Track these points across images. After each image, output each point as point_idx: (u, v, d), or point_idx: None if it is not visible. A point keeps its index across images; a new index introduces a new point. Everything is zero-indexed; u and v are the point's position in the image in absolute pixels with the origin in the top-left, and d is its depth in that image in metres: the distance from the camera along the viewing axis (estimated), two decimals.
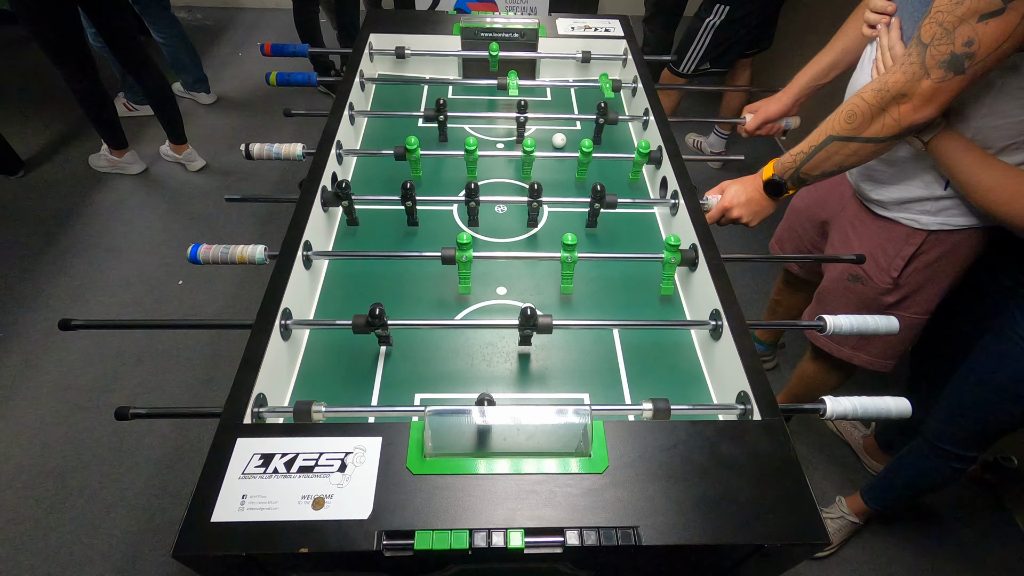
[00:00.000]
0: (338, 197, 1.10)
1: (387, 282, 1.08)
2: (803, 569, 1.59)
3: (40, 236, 2.36)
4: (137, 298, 2.15)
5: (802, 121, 1.46)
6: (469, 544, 0.62)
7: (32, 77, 3.18)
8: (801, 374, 1.58)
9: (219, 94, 3.19)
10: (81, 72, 2.25)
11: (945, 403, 1.29)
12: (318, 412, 0.78)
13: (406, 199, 1.11)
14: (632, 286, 1.09)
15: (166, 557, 1.51)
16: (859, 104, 0.91)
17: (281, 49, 1.46)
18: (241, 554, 0.61)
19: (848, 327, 0.89)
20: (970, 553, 1.66)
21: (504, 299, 1.05)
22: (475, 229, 1.18)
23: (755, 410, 0.78)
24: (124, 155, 2.62)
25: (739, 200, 1.12)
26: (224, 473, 0.67)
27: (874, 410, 0.79)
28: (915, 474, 1.41)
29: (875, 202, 1.17)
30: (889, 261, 1.18)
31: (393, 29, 1.58)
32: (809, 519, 0.66)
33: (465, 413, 0.73)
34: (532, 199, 1.12)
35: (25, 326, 2.03)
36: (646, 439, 0.72)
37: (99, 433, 1.75)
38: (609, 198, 1.11)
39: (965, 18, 0.78)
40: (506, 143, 1.42)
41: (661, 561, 0.71)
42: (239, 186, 2.67)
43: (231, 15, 3.98)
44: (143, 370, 1.92)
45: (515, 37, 1.55)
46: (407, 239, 1.17)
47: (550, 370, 0.95)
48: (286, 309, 0.89)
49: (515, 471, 0.69)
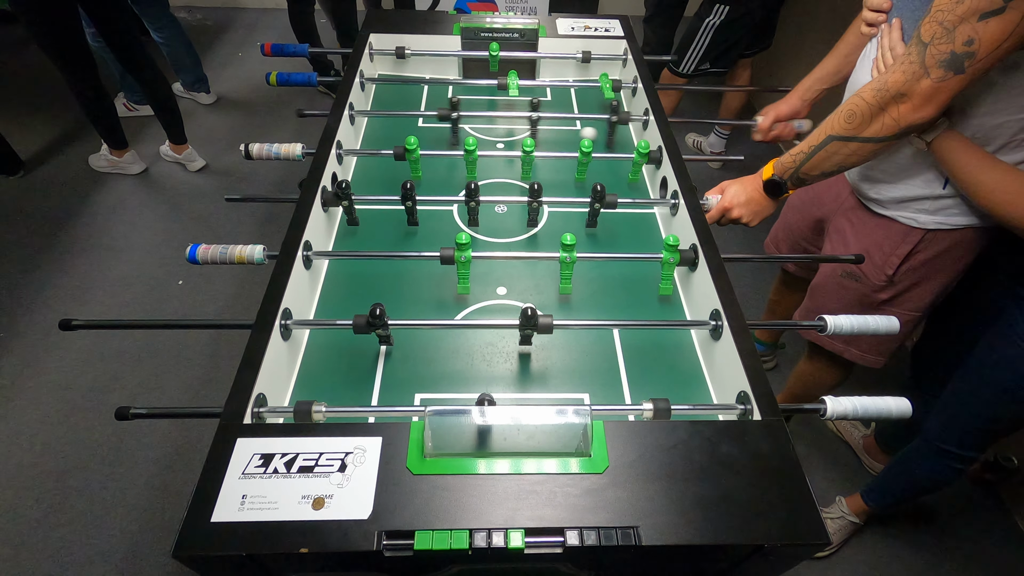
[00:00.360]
0: (338, 197, 1.10)
1: (387, 282, 1.08)
2: (803, 569, 1.59)
3: (40, 236, 2.36)
4: (137, 298, 2.15)
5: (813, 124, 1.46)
6: (469, 544, 0.62)
7: (32, 77, 3.18)
8: (799, 373, 1.58)
9: (219, 94, 3.19)
10: (81, 72, 2.25)
11: (945, 403, 1.29)
12: (319, 412, 0.78)
13: (406, 199, 1.11)
14: (632, 286, 1.09)
15: (166, 557, 1.51)
16: (859, 104, 0.91)
17: (281, 49, 1.47)
18: (241, 554, 0.61)
19: (848, 327, 0.89)
20: (970, 553, 1.66)
21: (504, 299, 1.05)
22: (475, 229, 1.18)
23: (755, 410, 0.78)
24: (124, 155, 2.62)
25: (739, 200, 1.12)
26: (224, 473, 0.67)
27: (874, 410, 0.79)
28: (915, 474, 1.41)
29: (873, 200, 1.17)
30: (884, 259, 1.18)
31: (393, 29, 1.58)
32: (809, 519, 0.66)
33: (465, 413, 0.73)
34: (532, 199, 1.12)
35: (25, 326, 2.03)
36: (646, 439, 0.72)
37: (99, 433, 1.75)
38: (609, 198, 1.11)
39: (965, 17, 0.77)
40: (506, 143, 1.42)
41: (661, 561, 0.71)
42: (239, 186, 2.67)
43: (231, 15, 3.98)
44: (143, 370, 1.92)
45: (515, 37, 1.55)
46: (407, 239, 1.17)
47: (550, 370, 0.95)
48: (286, 309, 0.89)
49: (515, 471, 0.69)
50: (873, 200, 1.17)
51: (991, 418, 1.22)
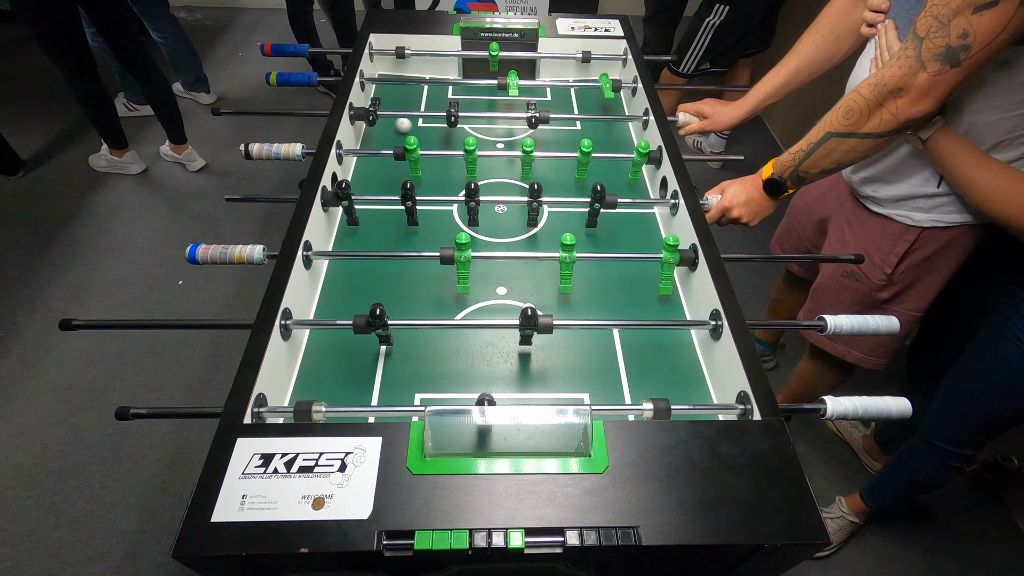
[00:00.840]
0: (338, 197, 1.10)
1: (387, 282, 1.08)
2: (803, 569, 1.59)
3: (40, 236, 2.36)
4: (137, 298, 2.15)
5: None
6: (469, 544, 0.62)
7: (32, 77, 3.18)
8: (800, 373, 1.58)
9: (219, 94, 3.19)
10: (81, 72, 2.25)
11: (941, 401, 1.29)
12: (319, 412, 0.78)
13: (406, 199, 1.11)
14: (632, 286, 1.09)
15: (166, 557, 1.51)
16: (856, 100, 0.91)
17: (281, 49, 1.47)
18: (241, 554, 0.61)
19: (848, 327, 0.89)
20: (970, 553, 1.66)
21: (504, 299, 1.05)
22: (475, 229, 1.18)
23: (755, 410, 0.78)
24: (124, 155, 2.62)
25: (739, 200, 1.12)
26: (224, 473, 0.67)
27: (874, 410, 0.79)
28: (913, 473, 1.41)
29: (870, 199, 1.18)
30: (883, 258, 1.18)
31: (393, 29, 1.58)
32: (809, 519, 0.66)
33: (465, 413, 0.73)
34: (532, 199, 1.12)
35: (25, 326, 2.03)
36: (646, 439, 0.72)
37: (99, 433, 1.75)
38: (609, 198, 1.11)
39: (960, 11, 0.77)
40: (506, 143, 1.42)
41: (661, 561, 0.71)
42: (239, 186, 2.67)
43: (231, 15, 3.98)
44: (143, 370, 1.92)
45: (515, 37, 1.55)
46: (407, 239, 1.17)
47: (550, 370, 0.95)
48: (286, 309, 0.89)
49: (515, 471, 0.69)
50: (871, 199, 1.17)
51: (987, 415, 1.22)
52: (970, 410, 1.23)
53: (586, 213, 1.19)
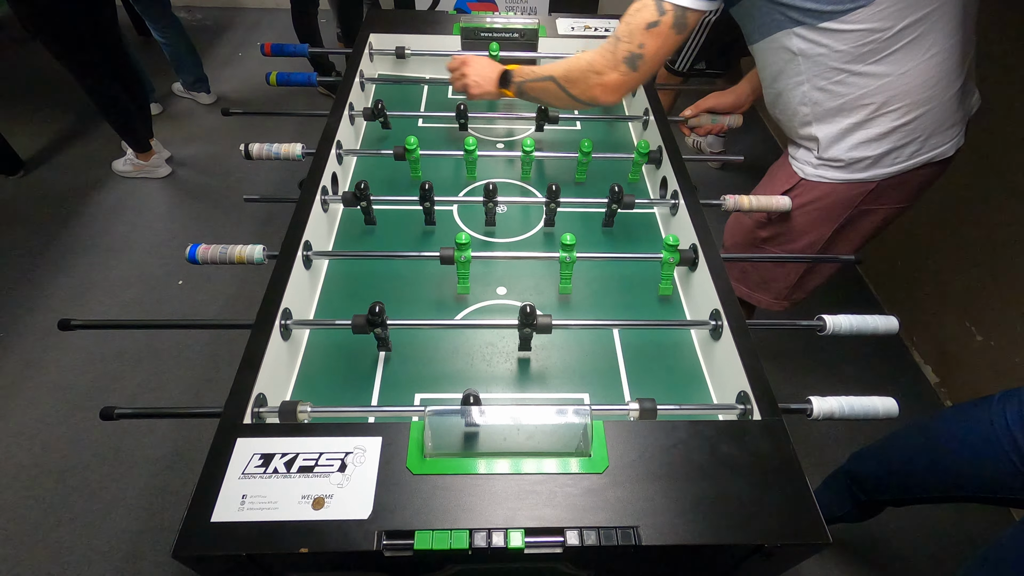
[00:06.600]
0: (357, 198, 1.11)
1: (387, 282, 1.08)
2: (803, 569, 1.59)
3: (40, 236, 2.36)
4: (137, 298, 2.15)
5: None
6: (469, 544, 0.62)
7: (32, 77, 3.18)
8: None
9: (219, 94, 3.19)
10: (99, 79, 2.26)
11: (888, 465, 1.20)
12: (303, 412, 0.77)
13: (424, 199, 1.12)
14: (632, 286, 1.09)
15: (166, 557, 1.51)
16: (576, 66, 1.04)
17: (281, 49, 1.47)
18: (241, 554, 0.61)
19: (848, 327, 0.89)
20: (970, 553, 1.66)
21: (504, 299, 1.06)
22: (489, 229, 1.19)
23: (755, 410, 0.78)
24: (151, 158, 2.60)
25: (480, 66, 1.25)
26: (224, 473, 0.67)
27: (861, 409, 0.80)
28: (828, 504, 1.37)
29: (791, 141, 1.23)
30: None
31: (393, 29, 1.58)
32: (809, 519, 0.66)
33: (465, 413, 0.73)
34: (550, 200, 1.13)
35: (25, 326, 2.03)
36: (646, 439, 0.72)
37: (99, 433, 1.75)
38: (627, 199, 1.12)
39: (639, 26, 0.93)
40: (506, 143, 1.42)
41: (661, 561, 0.71)
42: (239, 186, 2.66)
43: (231, 15, 3.98)
44: (143, 370, 1.92)
45: (515, 37, 1.55)
46: (409, 239, 1.17)
47: (550, 370, 0.95)
48: (286, 309, 0.89)
49: (515, 471, 0.69)
50: (791, 141, 1.23)
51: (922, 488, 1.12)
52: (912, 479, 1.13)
53: (592, 212, 1.19)
